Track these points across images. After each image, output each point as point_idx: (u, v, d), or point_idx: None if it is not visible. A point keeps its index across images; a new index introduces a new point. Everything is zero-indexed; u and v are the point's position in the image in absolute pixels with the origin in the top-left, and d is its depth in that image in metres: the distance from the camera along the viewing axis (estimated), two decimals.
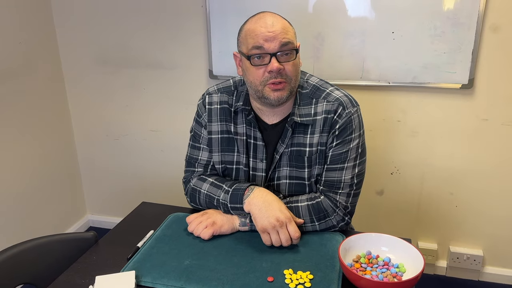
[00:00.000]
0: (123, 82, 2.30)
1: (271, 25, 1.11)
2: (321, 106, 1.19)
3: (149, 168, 2.45)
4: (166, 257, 1.08)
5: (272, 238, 1.09)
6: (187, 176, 1.33)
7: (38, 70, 2.20)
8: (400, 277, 0.99)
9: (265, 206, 1.11)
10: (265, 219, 1.09)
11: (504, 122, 1.88)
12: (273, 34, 1.10)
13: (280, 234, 1.09)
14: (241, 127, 1.25)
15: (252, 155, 1.26)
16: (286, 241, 1.08)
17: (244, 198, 1.14)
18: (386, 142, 2.04)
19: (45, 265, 1.21)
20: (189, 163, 1.33)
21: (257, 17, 1.15)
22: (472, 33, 1.74)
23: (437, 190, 2.06)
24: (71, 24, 2.26)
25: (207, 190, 1.24)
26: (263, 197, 1.13)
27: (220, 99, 1.28)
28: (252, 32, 1.12)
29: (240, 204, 1.15)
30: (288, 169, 1.24)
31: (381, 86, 1.94)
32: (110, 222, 2.62)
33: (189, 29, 2.10)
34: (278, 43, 1.10)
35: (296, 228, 1.10)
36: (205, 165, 1.31)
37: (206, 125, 1.29)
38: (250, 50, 1.12)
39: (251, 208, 1.13)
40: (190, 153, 1.34)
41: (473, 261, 2.10)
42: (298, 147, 1.22)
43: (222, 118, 1.27)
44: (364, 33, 1.85)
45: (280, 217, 1.09)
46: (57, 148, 2.39)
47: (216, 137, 1.28)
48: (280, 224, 1.08)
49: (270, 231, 1.09)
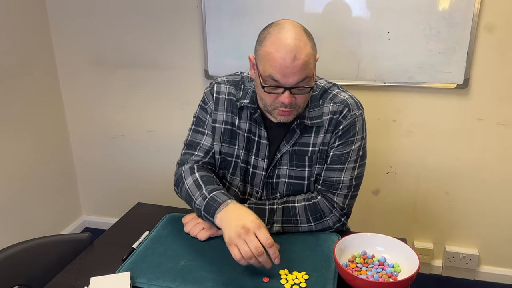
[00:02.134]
0: (118, 83, 2.30)
1: (292, 59, 1.02)
2: (327, 107, 1.19)
3: (145, 169, 2.44)
4: (162, 258, 1.08)
5: (241, 249, 0.96)
6: (184, 159, 1.27)
7: (33, 71, 2.19)
8: (396, 277, 0.99)
9: (233, 218, 1.02)
10: (231, 229, 0.99)
11: (499, 121, 1.89)
12: (293, 70, 1.03)
13: (248, 243, 0.95)
14: (245, 123, 1.24)
15: (254, 152, 1.25)
16: (256, 249, 0.94)
17: (217, 212, 1.06)
18: (382, 142, 2.04)
19: (40, 267, 1.20)
20: (190, 146, 1.28)
21: (280, 39, 1.04)
22: (467, 33, 1.75)
23: (432, 190, 2.07)
24: (67, 25, 2.25)
25: (188, 187, 1.18)
26: (235, 211, 1.05)
27: (229, 91, 1.26)
28: (272, 60, 1.04)
29: (211, 217, 1.08)
30: (288, 168, 1.23)
31: (376, 86, 1.94)
32: (106, 222, 2.61)
33: (185, 29, 2.10)
34: (296, 79, 1.05)
35: (267, 235, 0.96)
36: (206, 151, 1.26)
37: (212, 113, 1.26)
38: (266, 77, 1.07)
39: (222, 224, 1.04)
40: (192, 137, 1.29)
41: (469, 260, 2.10)
42: (302, 146, 1.21)
43: (228, 109, 1.25)
44: (359, 33, 1.85)
45: (246, 224, 0.98)
46: (52, 149, 2.38)
47: (220, 126, 1.26)
48: (245, 231, 0.97)
49: (237, 242, 0.96)
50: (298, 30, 1.06)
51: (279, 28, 1.06)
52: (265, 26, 1.12)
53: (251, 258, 0.96)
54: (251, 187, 1.29)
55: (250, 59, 1.15)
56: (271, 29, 1.07)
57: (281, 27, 1.06)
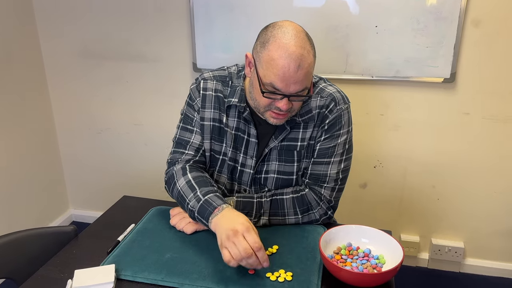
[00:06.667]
0: (105, 75, 2.27)
1: (295, 68, 1.02)
2: (314, 101, 1.19)
3: (132, 162, 2.43)
4: (147, 251, 1.07)
5: (230, 250, 0.96)
6: (174, 158, 1.26)
7: (17, 62, 2.16)
8: (380, 268, 1.00)
9: (225, 222, 1.02)
10: (222, 232, 0.99)
11: (485, 116, 1.91)
12: (295, 80, 1.03)
13: (237, 244, 0.95)
14: (232, 120, 1.23)
15: (243, 151, 1.24)
16: (244, 250, 0.94)
17: (212, 217, 1.06)
18: (369, 136, 2.05)
19: (23, 260, 1.19)
20: (179, 144, 1.26)
21: (285, 45, 1.02)
22: (454, 28, 1.76)
23: (419, 184, 2.08)
24: (53, 16, 2.21)
25: (181, 188, 1.16)
26: (228, 215, 1.04)
27: (215, 87, 1.24)
28: (274, 66, 1.03)
29: (205, 221, 1.07)
30: (277, 163, 1.23)
31: (364, 80, 1.95)
32: (93, 216, 2.59)
33: (173, 21, 2.08)
34: (297, 89, 1.05)
35: (255, 239, 0.96)
36: (196, 149, 1.25)
37: (199, 110, 1.25)
38: (266, 83, 1.06)
39: (216, 228, 1.04)
40: (181, 135, 1.27)
41: (454, 253, 2.13)
42: (290, 141, 1.21)
43: (216, 106, 1.24)
44: (348, 27, 1.85)
45: (236, 227, 0.97)
46: (38, 142, 2.35)
47: (208, 124, 1.24)
48: (234, 233, 0.96)
49: (227, 244, 0.97)
50: (302, 36, 1.05)
51: (283, 32, 1.04)
52: (265, 25, 1.10)
53: (242, 260, 0.95)
54: (239, 185, 1.29)
55: (247, 57, 1.13)
56: (275, 32, 1.05)
57: (285, 31, 1.04)
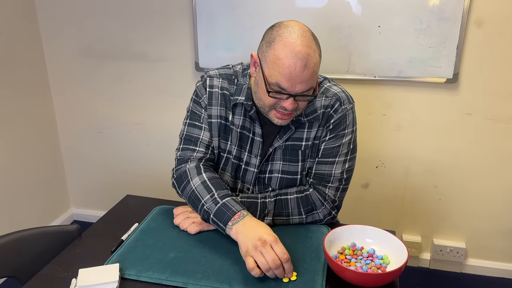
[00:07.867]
0: (108, 74, 2.27)
1: (301, 68, 1.02)
2: (319, 101, 1.19)
3: (134, 161, 2.43)
4: (151, 250, 1.07)
5: (257, 260, 0.96)
6: (185, 155, 1.23)
7: (20, 61, 2.16)
8: (384, 269, 1.00)
9: (250, 230, 1.02)
10: (248, 241, 1.00)
11: (487, 116, 1.90)
12: (302, 79, 1.03)
13: (265, 255, 0.96)
14: (238, 118, 1.22)
15: (247, 149, 1.24)
16: (273, 261, 0.95)
17: (232, 224, 1.05)
18: (372, 136, 2.05)
19: (27, 258, 1.19)
20: (188, 141, 1.24)
21: (292, 44, 1.03)
22: (457, 28, 1.76)
23: (421, 184, 2.08)
24: (55, 15, 2.21)
25: (196, 187, 1.15)
26: (251, 224, 1.04)
27: (221, 85, 1.23)
28: (281, 67, 1.03)
29: (223, 225, 1.07)
30: (281, 163, 1.23)
31: (367, 80, 1.95)
32: (95, 215, 2.59)
33: (175, 21, 2.08)
34: (303, 88, 1.05)
35: (284, 250, 0.98)
36: (206, 146, 1.23)
37: (206, 107, 1.23)
38: (272, 83, 1.06)
39: (238, 236, 1.04)
40: (189, 132, 1.25)
41: (456, 253, 2.13)
42: (295, 141, 1.21)
43: (222, 104, 1.23)
44: (350, 27, 1.85)
45: (263, 237, 0.98)
46: (40, 141, 2.35)
47: (216, 121, 1.24)
48: (262, 243, 0.97)
49: (253, 253, 0.97)
50: (308, 36, 1.05)
51: (289, 32, 1.04)
52: (267, 24, 1.10)
53: (268, 270, 0.96)
54: (242, 184, 1.29)
55: (252, 56, 1.13)
56: (281, 31, 1.05)
57: (291, 30, 1.04)
